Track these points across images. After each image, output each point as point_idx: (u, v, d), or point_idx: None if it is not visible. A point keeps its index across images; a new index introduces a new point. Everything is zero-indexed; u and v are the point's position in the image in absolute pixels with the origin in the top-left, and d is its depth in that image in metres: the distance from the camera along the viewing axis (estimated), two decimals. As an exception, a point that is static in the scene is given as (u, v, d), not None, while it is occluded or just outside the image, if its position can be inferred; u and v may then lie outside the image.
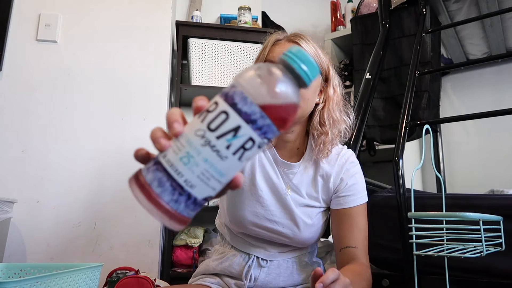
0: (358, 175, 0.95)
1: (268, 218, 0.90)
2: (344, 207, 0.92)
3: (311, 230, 0.93)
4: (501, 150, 2.30)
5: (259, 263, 0.93)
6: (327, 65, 0.95)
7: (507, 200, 0.99)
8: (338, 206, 0.93)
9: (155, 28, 1.68)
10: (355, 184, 0.93)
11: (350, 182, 0.93)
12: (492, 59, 2.22)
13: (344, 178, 0.93)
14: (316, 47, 0.94)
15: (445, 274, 0.82)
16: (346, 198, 0.92)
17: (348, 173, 0.93)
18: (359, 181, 0.94)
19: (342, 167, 0.94)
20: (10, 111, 1.51)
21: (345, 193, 0.92)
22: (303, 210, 0.92)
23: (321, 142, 0.90)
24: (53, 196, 1.48)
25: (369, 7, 2.12)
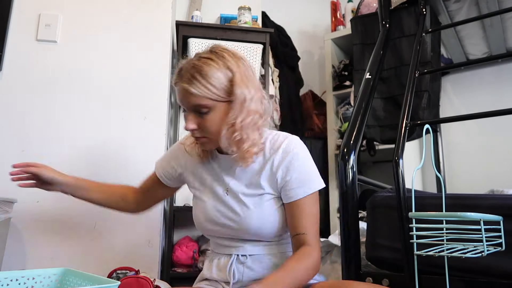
0: (303, 167, 0.96)
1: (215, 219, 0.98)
2: (292, 200, 0.95)
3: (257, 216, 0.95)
4: (501, 150, 2.30)
5: (239, 259, 0.98)
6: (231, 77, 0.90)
7: (507, 200, 0.99)
8: (287, 200, 0.96)
9: (155, 28, 1.67)
10: (300, 176, 0.95)
11: (295, 175, 0.95)
12: (492, 59, 2.22)
13: (288, 171, 0.95)
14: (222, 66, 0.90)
15: (445, 274, 0.82)
16: (292, 191, 0.95)
17: (292, 166, 0.95)
18: (303, 172, 0.96)
19: (285, 157, 0.96)
20: (10, 111, 1.51)
21: (291, 186, 0.95)
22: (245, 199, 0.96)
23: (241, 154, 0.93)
24: (53, 196, 1.47)
25: (369, 7, 2.13)
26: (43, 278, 0.85)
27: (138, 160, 1.55)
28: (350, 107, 2.50)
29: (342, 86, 2.58)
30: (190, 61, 0.91)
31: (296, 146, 0.97)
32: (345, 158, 1.15)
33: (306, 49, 3.01)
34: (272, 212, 0.96)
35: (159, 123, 1.60)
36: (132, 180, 1.54)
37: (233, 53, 0.94)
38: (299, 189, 0.94)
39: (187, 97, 0.89)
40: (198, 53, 0.94)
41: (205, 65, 0.89)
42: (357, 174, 1.16)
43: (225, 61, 0.91)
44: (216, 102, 0.89)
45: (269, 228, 0.96)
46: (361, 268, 1.10)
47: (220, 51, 0.93)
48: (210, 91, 0.88)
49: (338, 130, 2.54)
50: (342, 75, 2.60)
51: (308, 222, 0.94)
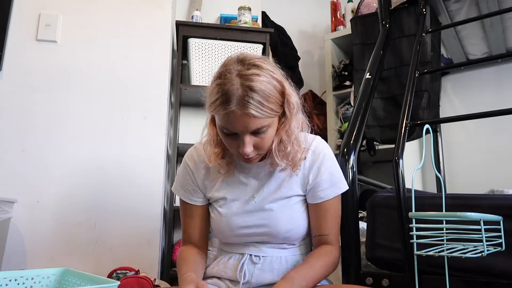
0: (332, 168, 0.96)
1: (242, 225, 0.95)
2: (318, 201, 0.94)
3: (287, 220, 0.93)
4: (501, 150, 2.30)
5: (252, 260, 0.95)
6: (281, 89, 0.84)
7: (507, 200, 0.99)
8: (312, 201, 0.95)
9: (155, 28, 1.67)
10: (329, 178, 0.94)
11: (326, 175, 0.94)
12: (492, 59, 2.22)
13: (319, 172, 0.94)
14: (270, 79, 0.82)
15: (445, 274, 0.82)
16: (323, 192, 0.94)
17: (322, 168, 0.94)
18: (333, 173, 0.95)
19: (316, 160, 0.94)
20: (10, 111, 1.51)
21: (322, 187, 0.94)
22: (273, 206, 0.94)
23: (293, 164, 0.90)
24: (53, 196, 1.48)
25: (369, 7, 2.13)
26: (42, 278, 0.84)
27: (138, 160, 1.55)
28: (350, 107, 2.50)
29: (342, 86, 2.58)
30: (233, 80, 0.80)
31: (324, 147, 0.97)
32: (345, 158, 1.15)
33: (306, 49, 3.01)
34: (300, 214, 0.96)
35: (159, 123, 1.60)
36: (132, 179, 1.55)
37: (269, 62, 0.87)
38: (329, 189, 0.94)
39: (248, 123, 0.80)
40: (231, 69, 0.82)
41: (258, 82, 0.79)
42: (357, 174, 1.16)
43: (270, 72, 0.83)
44: (274, 118, 0.84)
45: (298, 231, 0.95)
46: (361, 268, 1.10)
47: (259, 61, 0.84)
48: (271, 110, 0.81)
49: (338, 130, 2.54)
50: (342, 75, 2.59)
51: (332, 224, 0.94)
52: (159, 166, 1.57)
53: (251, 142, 0.84)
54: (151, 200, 1.53)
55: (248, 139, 0.83)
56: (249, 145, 0.84)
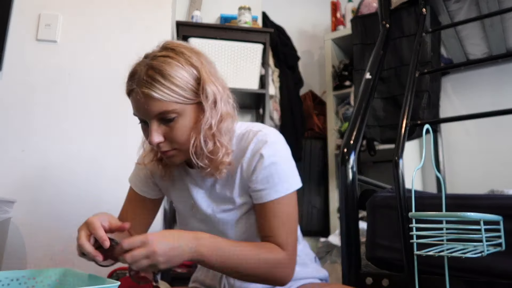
0: (272, 167, 0.83)
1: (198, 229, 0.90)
2: (259, 202, 0.84)
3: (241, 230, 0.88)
4: (501, 150, 2.30)
5: None
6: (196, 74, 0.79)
7: (507, 200, 0.99)
8: (256, 200, 0.85)
9: (155, 28, 1.67)
10: (267, 178, 0.83)
11: (263, 175, 0.82)
12: (492, 59, 2.22)
13: (254, 171, 0.83)
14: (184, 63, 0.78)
15: (445, 274, 0.82)
16: (260, 193, 0.83)
17: (259, 167, 0.82)
18: (275, 172, 0.83)
19: (252, 159, 0.83)
20: (10, 111, 1.51)
21: (259, 187, 0.83)
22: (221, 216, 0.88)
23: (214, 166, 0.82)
24: (53, 196, 1.48)
25: (369, 7, 2.13)
26: (44, 278, 0.84)
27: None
28: (350, 107, 2.50)
29: (342, 86, 2.58)
30: (143, 62, 0.79)
31: (265, 145, 0.83)
32: (345, 158, 1.15)
33: (306, 49, 3.01)
34: (252, 223, 0.89)
35: (159, 123, 1.60)
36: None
37: (191, 48, 0.82)
38: (266, 191, 0.83)
39: (149, 104, 0.76)
40: (149, 53, 0.81)
41: (165, 64, 0.76)
42: (357, 174, 1.16)
43: (186, 57, 0.78)
44: (184, 105, 0.77)
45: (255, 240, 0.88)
46: (361, 268, 1.10)
47: (177, 47, 0.80)
48: (176, 93, 0.76)
49: (338, 130, 2.54)
50: (342, 75, 2.60)
51: (275, 226, 0.83)
52: (159, 166, 1.57)
53: (159, 131, 0.78)
54: (151, 200, 1.53)
55: (155, 126, 0.78)
56: (156, 133, 0.78)
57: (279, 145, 0.86)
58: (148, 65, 0.77)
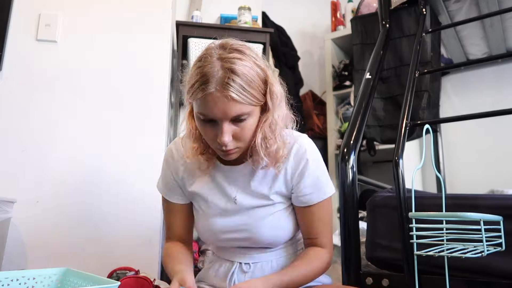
0: (316, 172, 0.89)
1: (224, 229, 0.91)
2: (304, 205, 0.90)
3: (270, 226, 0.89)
4: (501, 150, 2.30)
5: (242, 269, 0.93)
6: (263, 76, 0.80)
7: (507, 200, 0.99)
8: (299, 204, 0.90)
9: (155, 28, 1.67)
10: (313, 183, 0.88)
11: (309, 180, 0.88)
12: (492, 59, 2.22)
13: (302, 175, 0.88)
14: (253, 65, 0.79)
15: (445, 274, 0.82)
16: (306, 197, 0.89)
17: (305, 172, 0.87)
18: (318, 178, 0.89)
19: (298, 164, 0.88)
20: (10, 111, 1.51)
21: (304, 192, 0.88)
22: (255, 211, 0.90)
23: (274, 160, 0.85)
24: (53, 196, 1.47)
25: (369, 7, 2.12)
26: (44, 278, 0.84)
27: (138, 160, 1.55)
28: (350, 107, 2.50)
29: (342, 86, 2.58)
30: (214, 63, 0.76)
31: (309, 149, 0.89)
32: (345, 158, 1.15)
33: (306, 49, 3.01)
34: (284, 220, 0.91)
35: (159, 122, 1.60)
36: (132, 179, 1.55)
37: (248, 47, 0.82)
38: (313, 194, 0.89)
39: (229, 106, 0.75)
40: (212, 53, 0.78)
41: (239, 65, 0.75)
42: (357, 174, 1.16)
43: (252, 58, 0.79)
44: (254, 107, 0.79)
45: (282, 237, 0.92)
46: (361, 268, 1.10)
47: (241, 47, 0.80)
48: (253, 96, 0.77)
49: (338, 130, 2.54)
50: (342, 75, 2.60)
51: (320, 227, 0.91)
52: (159, 166, 1.56)
53: (230, 131, 0.78)
54: (151, 200, 1.53)
55: (227, 127, 0.77)
56: (228, 133, 0.78)
57: (317, 151, 0.92)
58: (225, 68, 0.75)
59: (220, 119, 0.77)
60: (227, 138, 0.78)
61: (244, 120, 0.78)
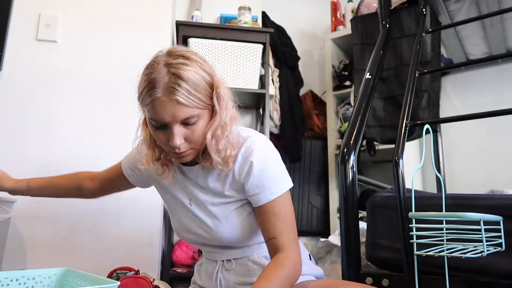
0: (263, 172, 0.88)
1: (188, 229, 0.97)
2: (257, 205, 0.90)
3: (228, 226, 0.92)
4: (501, 150, 2.30)
5: (225, 266, 0.98)
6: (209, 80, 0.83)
7: (507, 200, 0.99)
8: (254, 204, 0.91)
9: (155, 28, 1.67)
10: (261, 182, 0.88)
11: (256, 180, 0.88)
12: (492, 59, 2.22)
13: (248, 176, 0.88)
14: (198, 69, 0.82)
15: (445, 274, 0.82)
16: (257, 196, 0.89)
17: (251, 171, 0.88)
18: (263, 178, 0.88)
19: (244, 164, 0.88)
20: (10, 111, 1.51)
21: (255, 192, 0.89)
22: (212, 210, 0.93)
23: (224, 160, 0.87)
24: (53, 196, 1.48)
25: (369, 7, 2.13)
26: (44, 278, 0.85)
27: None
28: (350, 107, 2.50)
29: (342, 86, 2.58)
30: (160, 70, 0.80)
31: (254, 151, 0.88)
32: (345, 158, 1.15)
33: (306, 49, 3.01)
34: (242, 220, 0.93)
35: (159, 123, 1.60)
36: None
37: (196, 54, 0.86)
38: (260, 195, 0.88)
39: (176, 110, 0.78)
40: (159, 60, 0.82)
41: (184, 70, 0.79)
42: (357, 174, 1.16)
43: (199, 64, 0.83)
44: (203, 110, 0.82)
45: (241, 236, 0.93)
46: (361, 268, 1.10)
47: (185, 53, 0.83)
48: (199, 99, 0.80)
49: (338, 130, 2.54)
50: (342, 75, 2.60)
51: (278, 225, 0.88)
52: (159, 166, 1.58)
53: (181, 134, 0.81)
54: (151, 200, 1.53)
55: (177, 129, 0.80)
56: (179, 136, 0.81)
57: (266, 151, 0.91)
58: (170, 73, 0.79)
59: (170, 122, 0.80)
60: (179, 141, 0.81)
61: (194, 123, 0.81)
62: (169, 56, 0.82)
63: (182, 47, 0.87)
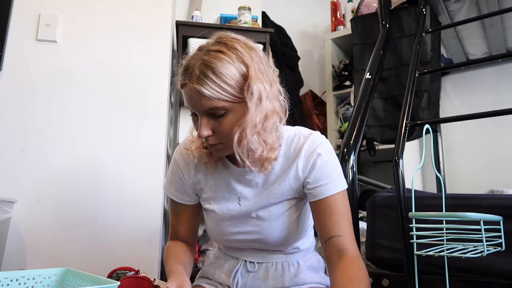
0: (329, 164, 0.86)
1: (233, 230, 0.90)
2: (319, 198, 0.84)
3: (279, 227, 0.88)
4: (501, 150, 2.30)
5: (247, 267, 0.93)
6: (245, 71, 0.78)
7: (507, 200, 0.99)
8: (313, 198, 0.85)
9: (155, 28, 1.67)
10: (326, 173, 0.84)
11: (320, 172, 0.84)
12: (492, 59, 2.22)
13: (313, 168, 0.85)
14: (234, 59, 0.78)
15: (445, 274, 0.82)
16: (319, 189, 0.84)
17: (317, 165, 0.84)
18: (330, 170, 0.85)
19: (309, 158, 0.85)
20: (10, 111, 1.51)
21: (317, 184, 0.84)
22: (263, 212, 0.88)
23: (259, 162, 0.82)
24: (53, 196, 1.47)
25: (369, 7, 2.13)
26: (43, 278, 0.84)
27: (138, 160, 1.55)
28: (350, 107, 2.50)
29: (342, 86, 2.58)
30: (197, 56, 0.79)
31: (319, 146, 0.86)
32: (345, 158, 1.15)
33: (306, 49, 3.01)
34: (294, 220, 0.88)
35: (159, 123, 1.60)
36: (132, 179, 1.55)
37: (244, 43, 0.81)
38: (327, 185, 0.83)
39: (200, 100, 0.76)
40: (203, 46, 0.81)
41: (217, 60, 0.76)
42: (357, 174, 1.16)
43: (238, 53, 0.78)
44: (233, 103, 0.77)
45: (293, 238, 0.89)
46: (361, 268, 1.10)
47: (230, 41, 0.80)
48: (226, 91, 0.75)
49: (338, 130, 2.54)
50: (342, 75, 2.60)
51: (342, 223, 0.82)
52: (159, 166, 1.57)
53: (208, 125, 0.78)
54: (151, 200, 1.53)
55: (205, 120, 0.78)
56: (205, 127, 0.78)
57: (330, 146, 0.89)
58: (201, 61, 0.77)
59: (197, 111, 0.79)
60: (205, 132, 0.78)
61: (221, 115, 0.77)
62: (212, 43, 0.81)
63: (234, 35, 0.84)
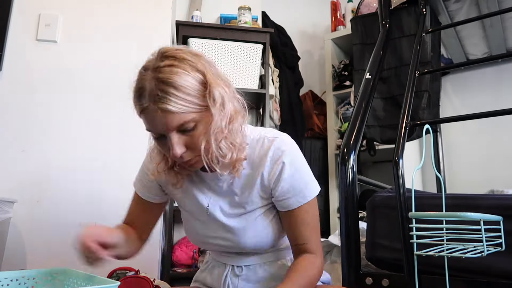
0: (296, 175, 0.84)
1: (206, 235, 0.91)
2: (286, 210, 0.85)
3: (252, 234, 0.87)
4: (501, 150, 2.30)
5: (235, 272, 0.93)
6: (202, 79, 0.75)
7: (507, 200, 0.99)
8: (281, 209, 0.87)
9: (155, 28, 1.67)
10: (293, 186, 0.84)
11: (287, 186, 0.84)
12: (492, 59, 2.22)
13: (278, 180, 0.83)
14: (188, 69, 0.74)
15: (445, 274, 0.82)
16: (287, 201, 0.84)
17: (282, 175, 0.83)
18: (297, 182, 0.84)
19: (274, 168, 0.83)
20: (10, 111, 1.51)
21: (285, 196, 0.84)
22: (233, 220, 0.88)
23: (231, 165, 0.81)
24: (53, 196, 1.48)
25: (369, 7, 2.13)
26: (44, 278, 0.85)
27: (138, 160, 1.55)
28: (350, 107, 2.50)
29: (342, 86, 2.58)
30: (147, 76, 0.74)
31: (284, 152, 0.83)
32: (345, 158, 1.15)
33: (306, 49, 3.01)
34: (266, 226, 0.88)
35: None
36: (132, 179, 1.54)
37: (190, 52, 0.78)
38: (292, 199, 0.84)
39: (167, 119, 0.71)
40: (148, 65, 0.77)
41: (172, 74, 0.72)
42: (357, 174, 1.16)
43: (190, 62, 0.75)
44: (200, 113, 0.74)
45: (266, 242, 0.89)
46: (361, 268, 1.10)
47: (177, 53, 0.76)
48: (191, 103, 0.72)
49: (338, 130, 2.54)
50: (342, 75, 2.60)
51: (308, 231, 0.86)
52: (159, 166, 1.57)
53: (181, 142, 0.75)
54: (151, 200, 1.53)
55: (176, 138, 0.74)
56: (178, 145, 0.74)
57: (297, 152, 0.87)
58: (155, 79, 0.72)
59: (165, 132, 0.74)
60: (179, 150, 0.74)
61: (192, 129, 0.74)
62: (158, 59, 0.76)
63: (176, 46, 0.81)
